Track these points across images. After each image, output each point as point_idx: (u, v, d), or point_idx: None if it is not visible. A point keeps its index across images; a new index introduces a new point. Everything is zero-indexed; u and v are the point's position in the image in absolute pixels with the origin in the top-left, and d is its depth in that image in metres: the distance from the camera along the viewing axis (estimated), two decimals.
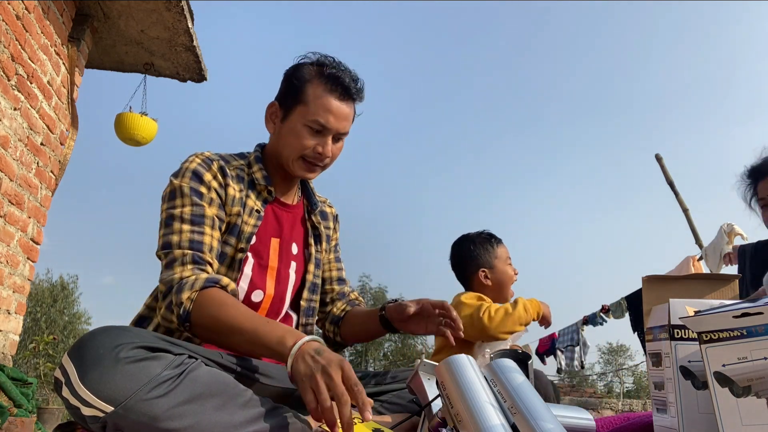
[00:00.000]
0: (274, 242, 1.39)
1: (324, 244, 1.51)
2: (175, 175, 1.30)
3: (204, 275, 1.18)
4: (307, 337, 1.01)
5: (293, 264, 1.43)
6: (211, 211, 1.27)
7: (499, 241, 2.24)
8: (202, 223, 1.25)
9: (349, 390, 0.92)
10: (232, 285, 1.21)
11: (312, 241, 1.47)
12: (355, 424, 0.96)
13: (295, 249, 1.44)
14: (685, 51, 54.90)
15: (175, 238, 1.23)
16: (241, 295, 1.31)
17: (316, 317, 1.50)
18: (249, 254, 1.33)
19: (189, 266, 1.19)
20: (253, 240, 1.34)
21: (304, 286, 1.45)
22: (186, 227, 1.24)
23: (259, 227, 1.35)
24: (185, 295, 1.13)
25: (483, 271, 2.18)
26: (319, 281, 1.49)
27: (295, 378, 0.97)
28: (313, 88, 1.34)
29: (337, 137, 1.37)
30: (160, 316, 1.20)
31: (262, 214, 1.36)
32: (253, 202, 1.35)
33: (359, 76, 1.40)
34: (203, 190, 1.28)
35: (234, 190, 1.33)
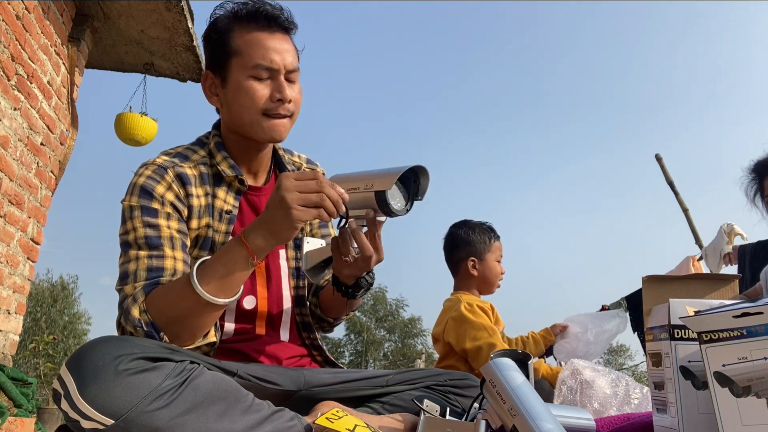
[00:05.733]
0: None
1: None
2: (125, 194, 1.16)
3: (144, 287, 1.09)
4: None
5: (282, 253, 1.30)
6: (168, 230, 1.13)
7: (497, 236, 2.24)
8: (160, 246, 1.11)
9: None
10: (179, 265, 1.11)
11: None
12: (338, 418, 0.97)
13: None
14: (685, 50, 54.95)
15: (131, 267, 1.11)
16: (233, 307, 1.22)
17: (308, 305, 1.36)
18: None
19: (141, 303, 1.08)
20: None
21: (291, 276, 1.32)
22: (143, 253, 1.11)
23: (234, 228, 1.22)
24: (135, 312, 1.06)
25: (472, 260, 2.17)
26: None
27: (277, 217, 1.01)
28: (238, 34, 1.20)
29: (290, 78, 1.22)
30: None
31: (235, 213, 1.23)
32: (223, 201, 1.22)
33: (284, 6, 1.26)
34: (156, 205, 1.14)
35: (199, 198, 1.20)
